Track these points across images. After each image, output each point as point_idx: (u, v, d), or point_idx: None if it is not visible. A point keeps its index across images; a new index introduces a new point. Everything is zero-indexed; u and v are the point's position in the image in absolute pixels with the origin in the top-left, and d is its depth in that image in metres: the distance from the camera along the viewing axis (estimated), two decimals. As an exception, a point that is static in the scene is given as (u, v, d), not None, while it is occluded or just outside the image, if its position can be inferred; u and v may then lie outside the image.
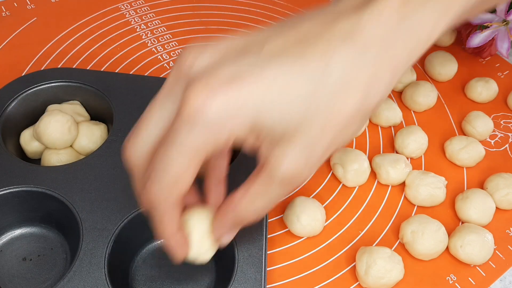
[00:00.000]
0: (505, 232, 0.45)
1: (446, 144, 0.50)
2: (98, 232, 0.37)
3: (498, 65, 0.59)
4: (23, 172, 0.39)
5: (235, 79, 0.25)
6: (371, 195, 0.46)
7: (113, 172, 0.40)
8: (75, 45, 0.55)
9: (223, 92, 0.25)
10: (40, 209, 0.39)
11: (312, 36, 0.26)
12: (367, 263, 0.39)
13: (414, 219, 0.43)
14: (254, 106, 0.25)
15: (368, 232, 0.44)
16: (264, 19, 0.61)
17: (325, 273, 0.41)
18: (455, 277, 0.42)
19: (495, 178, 0.46)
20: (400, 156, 0.47)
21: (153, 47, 0.57)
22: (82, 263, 0.35)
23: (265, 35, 0.27)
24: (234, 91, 0.25)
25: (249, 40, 0.27)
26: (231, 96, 0.25)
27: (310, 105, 0.26)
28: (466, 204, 0.44)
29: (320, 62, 0.25)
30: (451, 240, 0.42)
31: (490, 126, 0.51)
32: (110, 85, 0.45)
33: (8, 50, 0.54)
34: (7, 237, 0.40)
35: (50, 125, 0.41)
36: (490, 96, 0.55)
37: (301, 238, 0.43)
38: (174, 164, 0.26)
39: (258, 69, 0.25)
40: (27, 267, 0.39)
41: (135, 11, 0.60)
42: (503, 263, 0.43)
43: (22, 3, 0.59)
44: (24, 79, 0.45)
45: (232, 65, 0.26)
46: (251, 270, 0.36)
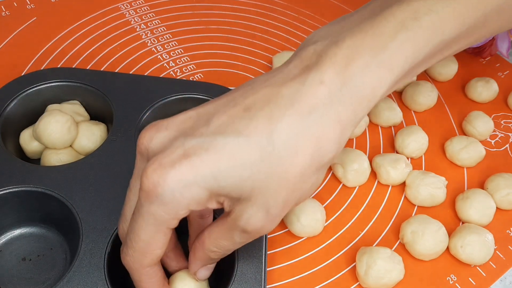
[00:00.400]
0: (506, 232, 0.45)
1: (446, 144, 0.50)
2: (98, 232, 0.37)
3: (498, 65, 0.59)
4: (23, 172, 0.39)
5: (185, 156, 0.27)
6: (371, 195, 0.46)
7: (113, 172, 0.40)
8: (75, 45, 0.55)
9: (175, 170, 0.26)
10: (40, 209, 0.39)
11: (257, 105, 0.28)
12: (367, 263, 0.39)
13: (414, 219, 0.42)
14: (206, 178, 0.27)
15: (368, 232, 0.44)
16: (264, 19, 0.61)
17: (325, 273, 0.41)
18: (455, 277, 0.42)
19: (495, 178, 0.46)
20: (400, 156, 0.47)
21: (153, 47, 0.57)
22: (82, 263, 0.35)
23: (213, 107, 0.29)
24: (184, 168, 0.26)
25: (198, 113, 0.29)
26: (183, 173, 0.26)
27: (260, 171, 0.27)
28: (466, 204, 0.44)
29: (264, 131, 0.27)
30: (452, 240, 0.42)
31: (491, 126, 0.51)
32: (110, 85, 0.45)
33: (7, 49, 0.54)
34: (7, 237, 0.40)
35: (50, 125, 0.41)
36: (490, 96, 0.55)
37: (301, 238, 0.43)
38: (142, 235, 0.29)
39: (206, 144, 0.27)
40: (27, 267, 0.39)
41: (135, 10, 0.60)
42: (503, 263, 0.43)
43: (22, 3, 0.59)
44: (24, 79, 0.45)
45: (182, 143, 0.27)
46: (251, 270, 0.36)
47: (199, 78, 0.54)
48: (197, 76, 0.54)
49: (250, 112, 0.27)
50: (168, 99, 0.45)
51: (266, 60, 0.57)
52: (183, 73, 0.54)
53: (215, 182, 0.27)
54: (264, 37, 0.59)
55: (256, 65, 0.56)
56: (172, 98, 0.45)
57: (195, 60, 0.56)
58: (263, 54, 0.57)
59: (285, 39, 0.59)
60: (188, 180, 0.26)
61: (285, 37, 0.60)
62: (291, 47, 0.58)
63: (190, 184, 0.27)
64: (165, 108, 0.45)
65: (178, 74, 0.54)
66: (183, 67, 0.55)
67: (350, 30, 0.29)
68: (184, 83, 0.48)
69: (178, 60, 0.56)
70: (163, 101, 0.45)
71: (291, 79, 0.28)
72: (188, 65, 0.55)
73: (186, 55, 0.56)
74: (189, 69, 0.55)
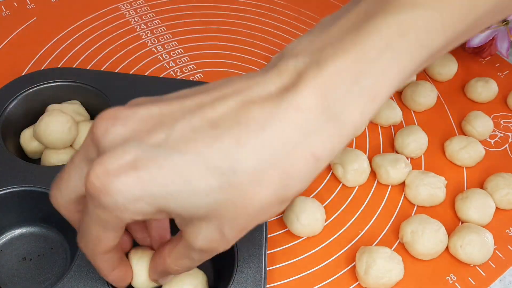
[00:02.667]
0: (505, 232, 0.45)
1: (446, 144, 0.50)
2: (98, 232, 0.37)
3: (498, 65, 0.59)
4: (23, 172, 0.39)
5: (134, 167, 0.24)
6: (371, 195, 0.46)
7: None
8: (75, 44, 0.55)
9: (119, 181, 0.24)
10: (40, 208, 0.39)
11: (226, 121, 0.25)
12: (367, 263, 0.39)
13: (414, 219, 0.43)
14: (154, 197, 0.24)
15: (368, 232, 0.44)
16: (264, 19, 0.61)
17: (325, 273, 0.41)
18: (455, 277, 0.42)
19: (495, 178, 0.46)
20: (400, 156, 0.47)
21: (153, 47, 0.57)
22: (82, 262, 0.35)
23: (180, 109, 0.26)
24: (131, 180, 0.24)
25: (162, 113, 0.26)
26: (128, 185, 0.24)
27: (217, 196, 0.24)
28: (466, 204, 0.44)
29: (228, 155, 0.24)
30: (451, 240, 0.42)
31: (490, 126, 0.51)
32: (110, 84, 0.45)
33: (8, 49, 0.54)
34: (7, 236, 0.40)
35: (50, 125, 0.41)
36: (490, 96, 0.55)
37: (301, 238, 0.43)
38: (92, 231, 0.27)
39: (161, 157, 0.24)
40: (27, 267, 0.39)
41: (135, 11, 0.60)
42: (503, 263, 0.43)
43: (22, 2, 0.59)
44: (24, 79, 0.45)
45: (135, 147, 0.25)
46: (251, 270, 0.36)
47: (199, 78, 0.54)
48: (197, 76, 0.54)
49: (216, 129, 0.24)
50: (168, 99, 0.45)
51: (266, 60, 0.57)
52: (183, 73, 0.55)
53: (164, 202, 0.24)
54: (264, 37, 0.59)
55: (256, 65, 0.56)
56: (172, 98, 0.45)
57: (195, 60, 0.56)
58: (263, 54, 0.57)
59: (285, 39, 0.59)
60: (133, 194, 0.24)
61: (285, 37, 0.60)
62: (291, 47, 0.58)
63: (135, 199, 0.24)
64: (165, 108, 0.45)
65: (178, 74, 0.54)
66: (183, 67, 0.55)
67: (333, 47, 0.26)
68: (184, 83, 0.48)
69: (178, 60, 0.56)
70: (163, 101, 0.45)
71: (265, 99, 0.25)
72: (188, 65, 0.55)
73: (186, 55, 0.56)
74: (189, 69, 0.55)
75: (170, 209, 0.25)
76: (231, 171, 0.24)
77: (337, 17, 0.28)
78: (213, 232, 0.26)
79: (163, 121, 0.25)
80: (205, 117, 0.25)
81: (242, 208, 0.25)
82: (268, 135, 0.24)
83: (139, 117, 0.26)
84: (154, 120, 0.26)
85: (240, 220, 0.25)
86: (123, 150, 0.25)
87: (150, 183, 0.24)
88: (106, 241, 0.27)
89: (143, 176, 0.24)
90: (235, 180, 0.24)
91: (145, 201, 0.24)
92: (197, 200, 0.24)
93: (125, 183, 0.24)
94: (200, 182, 0.24)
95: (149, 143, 0.25)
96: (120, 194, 0.24)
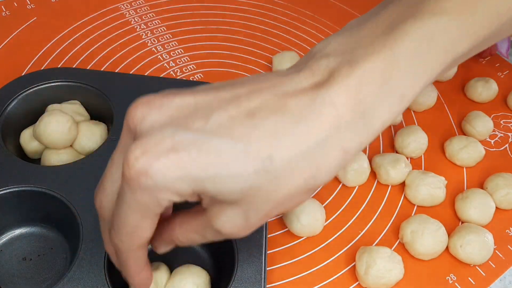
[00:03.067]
0: (505, 232, 0.45)
1: (446, 144, 0.50)
2: (98, 232, 0.36)
3: (498, 65, 0.59)
4: (23, 172, 0.39)
5: (174, 150, 0.25)
6: (371, 195, 0.46)
7: (113, 172, 0.40)
8: (75, 45, 0.55)
9: (160, 163, 0.25)
10: (40, 209, 0.39)
11: (262, 112, 0.26)
12: (367, 263, 0.39)
13: (414, 219, 0.43)
14: (192, 179, 0.25)
15: (368, 232, 0.44)
16: (264, 19, 0.61)
17: (325, 273, 0.41)
18: (455, 276, 0.42)
19: (495, 178, 0.46)
20: (400, 156, 0.47)
21: (153, 47, 0.57)
22: (82, 263, 0.35)
23: (215, 100, 0.26)
24: (171, 162, 0.25)
25: (197, 103, 0.27)
26: (168, 167, 0.25)
27: (250, 186, 0.25)
28: (466, 204, 0.44)
29: (265, 145, 0.25)
30: (451, 240, 0.42)
31: (490, 126, 0.51)
32: (110, 84, 0.45)
33: (8, 49, 0.54)
34: (7, 236, 0.40)
35: (50, 125, 0.41)
36: (490, 96, 0.55)
37: (301, 238, 0.43)
38: (128, 219, 0.27)
39: (200, 142, 0.25)
40: (27, 267, 0.39)
41: (135, 11, 0.60)
42: (503, 263, 0.43)
43: (22, 2, 0.59)
44: (24, 79, 0.45)
45: (175, 133, 0.25)
46: (251, 270, 0.36)
47: (199, 78, 0.54)
48: (197, 76, 0.54)
49: (253, 119, 0.25)
50: (168, 99, 0.45)
51: (266, 60, 0.57)
52: (183, 73, 0.54)
53: (201, 185, 0.25)
54: (264, 37, 0.59)
55: (256, 65, 0.56)
56: (172, 98, 0.45)
57: (195, 60, 0.56)
58: (263, 54, 0.57)
59: (285, 39, 0.59)
60: (173, 175, 0.25)
61: (285, 37, 0.60)
62: (291, 47, 0.58)
63: (175, 179, 0.25)
64: (165, 108, 0.45)
65: (178, 74, 0.54)
66: (183, 67, 0.55)
67: (364, 48, 0.27)
68: (184, 83, 0.48)
69: (178, 60, 0.56)
70: (163, 101, 0.45)
71: (300, 92, 0.26)
72: (188, 65, 0.55)
73: (186, 55, 0.56)
74: (189, 69, 0.55)
75: (206, 191, 0.26)
76: (268, 159, 0.25)
77: (365, 20, 0.29)
78: (238, 216, 0.27)
79: (200, 110, 0.26)
80: (241, 107, 0.26)
81: (272, 194, 0.26)
82: (304, 127, 0.25)
83: (175, 105, 0.26)
84: (190, 109, 0.26)
85: (267, 207, 0.27)
86: (162, 134, 0.25)
87: (189, 165, 0.25)
88: (142, 231, 0.28)
89: (183, 158, 0.25)
90: (271, 167, 0.25)
91: (182, 182, 0.25)
92: (233, 184, 0.25)
93: (165, 164, 0.25)
94: (237, 167, 0.25)
95: (188, 129, 0.25)
96: (161, 174, 0.25)
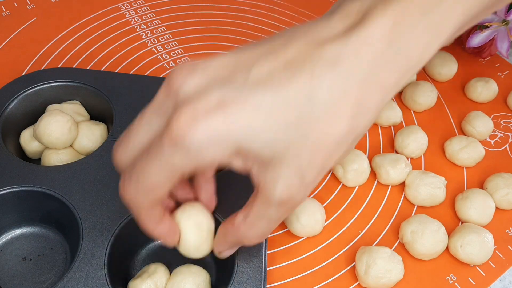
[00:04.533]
0: (505, 232, 0.45)
1: (446, 144, 0.50)
2: (98, 232, 0.37)
3: (498, 65, 0.59)
4: (23, 172, 0.39)
5: (220, 106, 0.25)
6: (371, 195, 0.46)
7: (113, 172, 0.40)
8: (75, 45, 0.55)
9: (208, 120, 0.25)
10: (40, 209, 0.39)
11: (299, 61, 0.26)
12: (367, 263, 0.39)
13: (414, 219, 0.43)
14: (238, 133, 0.25)
15: (368, 232, 0.44)
16: (264, 19, 0.61)
17: (325, 273, 0.41)
18: (455, 277, 0.42)
19: (495, 178, 0.46)
20: (400, 156, 0.47)
21: (153, 47, 0.57)
22: (82, 263, 0.35)
23: (253, 56, 0.27)
24: (218, 119, 0.25)
25: (237, 60, 0.27)
26: (215, 125, 0.25)
27: (296, 131, 0.26)
28: (466, 204, 0.44)
29: (304, 90, 0.25)
30: (451, 240, 0.42)
31: (490, 126, 0.51)
32: (110, 85, 0.45)
33: (8, 49, 0.54)
34: (7, 237, 0.40)
35: (50, 125, 0.41)
36: (490, 96, 0.55)
37: (301, 238, 0.43)
38: (152, 176, 0.27)
39: (244, 96, 0.25)
40: (27, 267, 0.39)
41: (135, 11, 0.60)
42: (503, 263, 0.43)
43: (22, 3, 0.59)
44: (24, 79, 0.45)
45: (218, 90, 0.26)
46: (251, 270, 0.36)
47: (199, 78, 0.54)
48: (197, 76, 0.54)
49: (291, 67, 0.26)
50: (168, 99, 0.45)
51: (266, 60, 0.57)
52: (183, 73, 0.54)
53: (247, 139, 0.25)
54: (264, 37, 0.59)
55: (256, 65, 0.56)
56: (172, 98, 0.45)
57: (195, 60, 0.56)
58: (263, 54, 0.57)
59: (285, 39, 0.59)
60: (219, 134, 0.25)
61: (285, 37, 0.60)
62: (291, 47, 0.58)
63: (220, 138, 0.25)
64: (165, 108, 0.45)
65: (178, 74, 0.54)
66: (183, 67, 0.55)
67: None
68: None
69: (178, 60, 0.56)
70: (163, 101, 0.45)
71: (334, 38, 0.26)
72: (188, 65, 0.55)
73: (186, 55, 0.56)
74: (189, 69, 0.55)
75: (250, 149, 0.26)
76: (308, 105, 0.25)
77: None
78: (292, 175, 0.27)
79: (239, 67, 0.26)
80: (278, 59, 0.26)
81: (320, 140, 0.26)
82: (340, 69, 0.25)
83: (214, 66, 0.27)
84: (230, 68, 0.27)
85: (319, 156, 0.26)
86: (207, 93, 0.26)
87: (233, 122, 0.25)
88: (162, 189, 0.28)
89: (229, 113, 0.25)
90: (312, 112, 0.25)
91: (228, 139, 0.25)
92: (277, 135, 0.26)
93: (213, 122, 0.25)
94: (280, 117, 0.25)
95: (230, 86, 0.26)
96: (208, 134, 0.25)
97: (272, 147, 0.26)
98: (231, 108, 0.25)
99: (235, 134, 0.25)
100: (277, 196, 0.27)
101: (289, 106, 0.25)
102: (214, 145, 0.25)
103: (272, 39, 0.28)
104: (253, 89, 0.25)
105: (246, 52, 0.27)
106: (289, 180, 0.27)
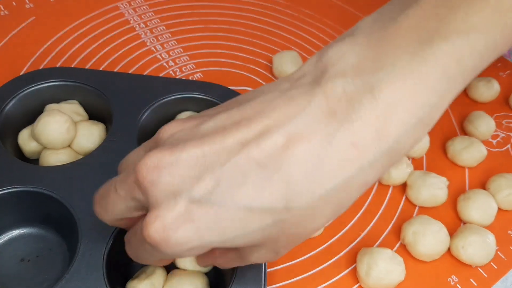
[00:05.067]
0: (507, 233, 0.45)
1: (447, 144, 0.50)
2: (96, 232, 0.36)
3: (500, 64, 0.59)
4: (21, 172, 0.39)
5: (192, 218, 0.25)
6: (372, 196, 0.46)
7: (112, 172, 0.39)
8: (73, 44, 0.55)
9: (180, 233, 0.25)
10: (39, 209, 0.39)
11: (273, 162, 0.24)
12: (368, 264, 0.39)
13: (415, 220, 0.42)
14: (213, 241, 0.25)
15: (369, 233, 0.44)
16: (264, 19, 0.61)
17: (325, 274, 0.41)
18: (456, 278, 0.41)
19: (497, 179, 0.46)
20: (401, 156, 0.47)
21: (152, 46, 0.56)
22: (81, 264, 0.35)
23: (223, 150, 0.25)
24: (190, 231, 0.25)
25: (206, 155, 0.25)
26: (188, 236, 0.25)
27: (272, 231, 0.26)
28: (468, 205, 0.44)
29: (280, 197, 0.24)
30: (453, 241, 0.42)
31: (492, 126, 0.51)
32: (109, 84, 0.45)
33: (6, 49, 0.54)
34: (5, 237, 0.40)
35: (49, 125, 0.41)
36: (492, 96, 0.54)
37: (301, 239, 0.43)
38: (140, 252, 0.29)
39: (216, 206, 0.25)
40: (26, 268, 0.38)
41: (134, 10, 0.60)
42: (505, 264, 0.43)
43: (21, 2, 0.59)
44: (22, 79, 0.45)
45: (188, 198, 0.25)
46: (251, 271, 0.36)
47: (198, 77, 0.54)
48: (196, 76, 0.54)
49: (265, 170, 0.24)
50: (167, 99, 0.45)
51: (266, 59, 0.57)
52: (183, 73, 0.54)
53: (221, 245, 0.26)
54: (264, 36, 0.59)
55: (256, 64, 0.56)
56: (171, 97, 0.45)
57: (194, 59, 0.56)
58: (263, 53, 0.57)
59: (285, 39, 0.59)
60: (191, 244, 0.25)
61: (285, 36, 0.59)
62: (291, 47, 0.58)
63: (193, 247, 0.25)
64: (165, 107, 0.45)
65: (177, 74, 0.54)
66: (182, 67, 0.55)
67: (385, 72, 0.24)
68: (184, 82, 0.48)
69: (178, 60, 0.55)
70: (163, 101, 0.45)
71: (314, 132, 0.24)
72: (188, 64, 0.55)
73: (186, 55, 0.56)
74: (188, 69, 0.55)
75: (227, 246, 0.26)
76: (285, 210, 0.25)
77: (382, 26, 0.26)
78: (267, 253, 0.28)
79: (209, 166, 0.25)
80: (251, 158, 0.24)
81: (296, 235, 0.27)
82: (321, 173, 0.24)
83: (183, 163, 0.25)
84: (199, 165, 0.25)
85: (295, 243, 0.28)
86: (175, 203, 0.25)
87: (207, 233, 0.25)
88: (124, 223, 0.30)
89: (200, 226, 0.25)
90: (289, 217, 0.25)
91: (202, 246, 0.26)
92: (253, 237, 0.26)
93: (184, 235, 0.25)
94: (255, 223, 0.25)
95: (200, 192, 0.25)
96: (180, 245, 0.25)
97: (248, 243, 0.26)
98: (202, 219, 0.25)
99: (208, 241, 0.25)
100: (251, 262, 0.29)
101: (265, 212, 0.25)
102: (189, 250, 0.26)
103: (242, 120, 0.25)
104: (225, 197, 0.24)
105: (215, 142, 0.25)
106: (263, 255, 0.28)
